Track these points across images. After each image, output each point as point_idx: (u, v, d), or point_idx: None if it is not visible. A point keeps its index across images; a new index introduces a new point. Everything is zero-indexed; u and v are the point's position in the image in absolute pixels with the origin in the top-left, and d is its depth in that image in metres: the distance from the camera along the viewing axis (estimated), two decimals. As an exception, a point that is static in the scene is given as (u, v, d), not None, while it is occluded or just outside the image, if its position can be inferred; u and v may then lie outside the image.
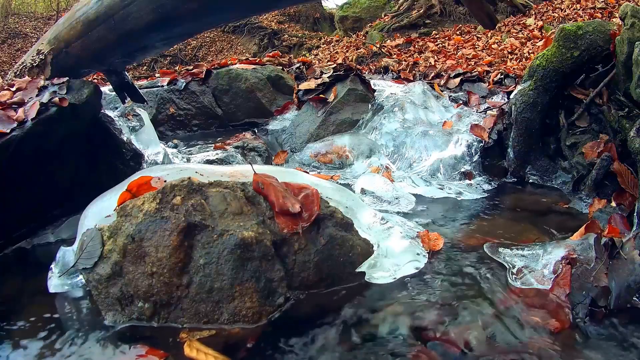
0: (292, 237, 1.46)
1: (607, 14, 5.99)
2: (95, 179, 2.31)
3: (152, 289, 1.34)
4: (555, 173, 2.49)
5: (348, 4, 11.10)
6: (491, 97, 3.43)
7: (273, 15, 13.71)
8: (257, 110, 3.90)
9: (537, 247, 1.64)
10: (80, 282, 1.53)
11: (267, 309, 1.37)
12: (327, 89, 3.47)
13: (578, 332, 1.27)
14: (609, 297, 1.35)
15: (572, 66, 2.41)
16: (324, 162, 2.94)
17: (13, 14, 15.28)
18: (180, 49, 12.99)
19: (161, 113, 3.72)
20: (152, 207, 1.39)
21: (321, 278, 1.48)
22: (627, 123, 2.20)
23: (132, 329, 1.34)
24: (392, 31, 8.87)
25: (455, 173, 2.67)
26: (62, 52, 2.69)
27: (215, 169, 1.70)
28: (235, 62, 4.29)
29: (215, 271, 1.34)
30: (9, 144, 1.87)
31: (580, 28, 2.38)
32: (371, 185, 2.33)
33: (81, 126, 2.25)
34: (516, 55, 5.25)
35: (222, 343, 1.27)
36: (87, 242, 1.42)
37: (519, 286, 1.47)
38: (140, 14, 2.41)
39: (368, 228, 1.69)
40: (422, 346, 1.22)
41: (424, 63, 5.09)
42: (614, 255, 1.44)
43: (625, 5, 2.18)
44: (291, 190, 1.56)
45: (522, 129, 2.51)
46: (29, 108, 2.00)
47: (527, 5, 7.57)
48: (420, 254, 1.66)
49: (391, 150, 2.94)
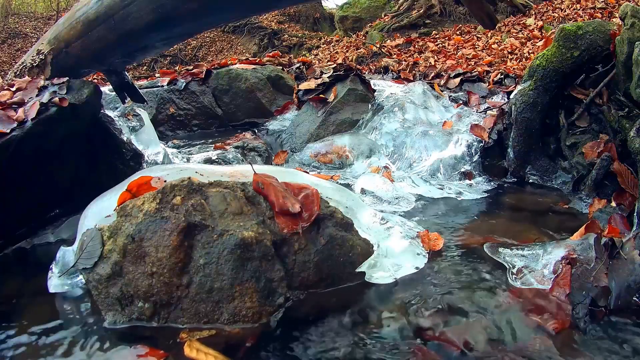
0: (292, 237, 1.46)
1: (607, 14, 5.99)
2: (95, 179, 2.31)
3: (152, 289, 1.34)
4: (555, 173, 2.49)
5: (348, 4, 11.09)
6: (491, 97, 3.43)
7: (273, 15, 13.71)
8: (257, 110, 3.90)
9: (537, 247, 1.64)
10: (80, 282, 1.53)
11: (267, 309, 1.37)
12: (327, 89, 3.47)
13: (578, 332, 1.27)
14: (609, 297, 1.35)
15: (572, 66, 2.41)
16: (324, 162, 2.94)
17: (13, 14, 15.29)
18: (180, 49, 12.99)
19: (161, 113, 3.72)
20: (152, 207, 1.39)
21: (321, 278, 1.48)
22: (627, 123, 2.20)
23: (132, 329, 1.34)
24: (392, 31, 8.87)
25: (455, 173, 2.67)
26: (62, 52, 2.69)
27: (215, 169, 1.70)
28: (235, 62, 4.29)
29: (215, 271, 1.34)
30: (9, 144, 1.87)
31: (580, 28, 2.39)
32: (371, 185, 2.33)
33: (81, 126, 2.24)
34: (516, 55, 5.26)
35: (222, 343, 1.27)
36: (87, 242, 1.42)
37: (519, 286, 1.47)
38: (140, 14, 2.41)
39: (368, 228, 1.69)
40: (422, 346, 1.22)
41: (424, 63, 5.09)
42: (614, 255, 1.44)
43: (625, 5, 2.18)
44: (291, 190, 1.56)
45: (522, 129, 2.51)
46: (29, 108, 2.00)
47: (527, 5, 7.58)
48: (420, 254, 1.66)
49: (391, 150, 2.94)
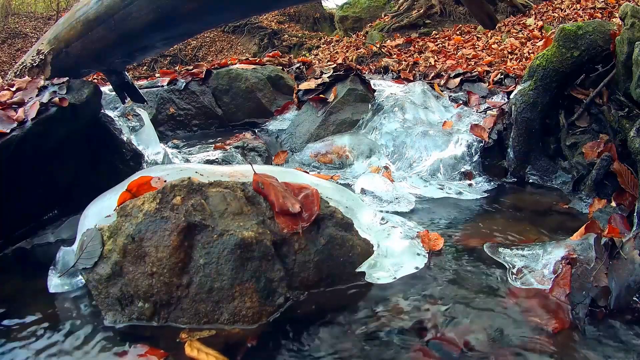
0: (292, 237, 1.46)
1: (607, 14, 5.99)
2: (95, 179, 2.31)
3: (152, 289, 1.34)
4: (555, 173, 2.49)
5: (348, 4, 11.09)
6: (491, 97, 3.43)
7: (273, 15, 13.71)
8: (257, 110, 3.90)
9: (537, 247, 1.64)
10: (80, 282, 1.53)
11: (267, 309, 1.37)
12: (327, 89, 3.47)
13: (578, 332, 1.27)
14: (609, 297, 1.35)
15: (572, 66, 2.41)
16: (324, 162, 2.94)
17: (13, 14, 15.28)
18: (180, 49, 12.99)
19: (161, 113, 3.72)
20: (152, 207, 1.39)
21: (321, 278, 1.48)
22: (627, 123, 2.20)
23: (132, 329, 1.34)
24: (392, 31, 8.87)
25: (455, 173, 2.67)
26: (62, 52, 2.68)
27: (215, 169, 1.70)
28: (235, 62, 4.29)
29: (215, 271, 1.34)
30: (9, 144, 1.87)
31: (580, 28, 2.39)
32: (371, 185, 2.33)
33: (81, 126, 2.24)
34: (516, 55, 5.25)
35: (222, 343, 1.27)
36: (87, 242, 1.42)
37: (519, 286, 1.47)
38: (140, 14, 2.40)
39: (368, 228, 1.69)
40: (422, 346, 1.22)
41: (424, 63, 5.09)
42: (614, 255, 1.43)
43: (625, 5, 2.18)
44: (291, 190, 1.56)
45: (522, 129, 2.51)
46: (29, 108, 2.00)
47: (527, 5, 7.58)
48: (420, 254, 1.66)
49: (391, 150, 2.94)
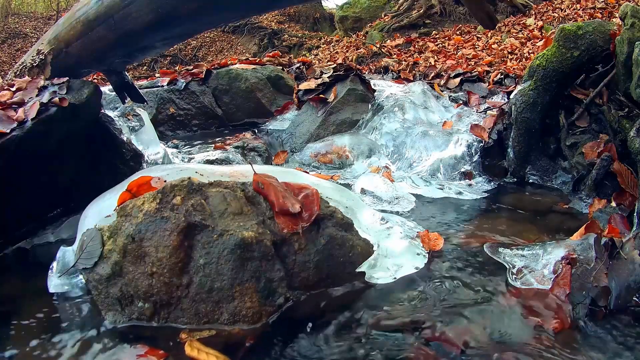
0: (292, 237, 1.46)
1: (607, 14, 5.99)
2: (95, 179, 2.31)
3: (152, 289, 1.34)
4: (555, 173, 2.49)
5: (348, 4, 11.09)
6: (491, 97, 3.43)
7: (273, 15, 13.71)
8: (257, 110, 3.90)
9: (537, 247, 1.64)
10: (80, 282, 1.53)
11: (267, 309, 1.37)
12: (327, 89, 3.47)
13: (578, 332, 1.27)
14: (609, 297, 1.35)
15: (572, 66, 2.41)
16: (324, 162, 2.94)
17: (13, 14, 15.29)
18: (180, 49, 12.99)
19: (161, 113, 3.71)
20: (152, 207, 1.39)
21: (321, 278, 1.48)
22: (627, 123, 2.20)
23: (132, 329, 1.34)
24: (392, 31, 8.87)
25: (455, 173, 2.67)
26: (62, 52, 2.68)
27: (215, 169, 1.70)
28: (235, 62, 4.29)
29: (215, 271, 1.34)
30: (9, 144, 1.87)
31: (580, 28, 2.38)
32: (371, 185, 2.33)
33: (81, 126, 2.24)
34: (516, 55, 5.26)
35: (222, 343, 1.27)
36: (87, 242, 1.42)
37: (519, 286, 1.47)
38: (140, 14, 2.40)
39: (368, 228, 1.69)
40: (422, 346, 1.22)
41: (424, 63, 5.09)
42: (614, 255, 1.44)
43: (625, 5, 2.18)
44: (291, 190, 1.56)
45: (522, 129, 2.51)
46: (29, 108, 2.00)
47: (527, 5, 7.58)
48: (420, 254, 1.66)
49: (391, 150, 2.94)
